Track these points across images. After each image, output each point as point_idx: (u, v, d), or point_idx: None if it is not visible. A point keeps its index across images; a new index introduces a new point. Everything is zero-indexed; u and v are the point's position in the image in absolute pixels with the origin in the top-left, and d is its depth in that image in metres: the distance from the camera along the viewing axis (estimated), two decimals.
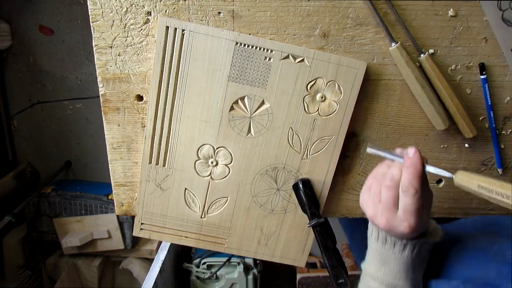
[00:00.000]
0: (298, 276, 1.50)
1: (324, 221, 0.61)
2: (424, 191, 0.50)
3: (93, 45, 0.57)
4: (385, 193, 0.52)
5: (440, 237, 0.59)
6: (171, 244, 1.24)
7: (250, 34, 0.57)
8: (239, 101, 0.59)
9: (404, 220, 0.50)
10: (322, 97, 0.58)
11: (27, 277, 1.60)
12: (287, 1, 0.56)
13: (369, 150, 0.53)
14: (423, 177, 0.49)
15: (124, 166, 0.65)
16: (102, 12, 0.56)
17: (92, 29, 0.56)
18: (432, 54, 0.58)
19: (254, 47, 0.56)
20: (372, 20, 0.57)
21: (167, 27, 0.55)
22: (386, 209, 0.51)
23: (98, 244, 1.57)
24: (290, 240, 0.67)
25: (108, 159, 0.64)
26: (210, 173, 0.63)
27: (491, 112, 0.61)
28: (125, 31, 0.57)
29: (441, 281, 0.55)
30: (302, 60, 0.57)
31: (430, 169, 0.49)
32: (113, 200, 0.68)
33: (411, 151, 0.49)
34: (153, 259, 1.19)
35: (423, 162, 0.49)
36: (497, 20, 0.56)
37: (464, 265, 0.56)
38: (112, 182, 0.66)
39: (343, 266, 0.61)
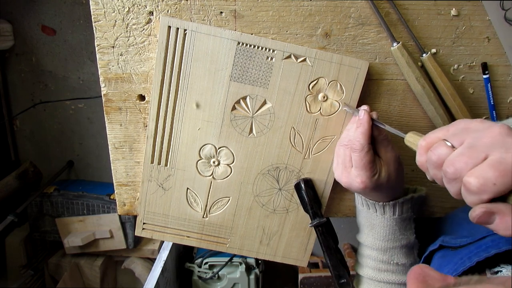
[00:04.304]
0: (300, 276, 1.50)
1: (326, 221, 0.61)
2: (386, 151, 0.54)
3: (95, 45, 0.58)
4: (342, 152, 0.56)
5: (424, 192, 0.62)
6: (173, 244, 1.25)
7: (252, 34, 0.57)
8: (241, 100, 0.59)
9: (356, 176, 0.53)
10: (324, 97, 0.58)
11: (30, 277, 1.60)
12: (289, 1, 0.56)
13: (345, 108, 0.58)
14: (379, 136, 0.53)
15: (126, 166, 0.65)
16: (104, 12, 0.56)
17: (94, 29, 0.57)
18: (434, 53, 0.58)
19: (256, 47, 0.56)
20: (374, 19, 0.56)
21: (169, 27, 0.55)
22: (344, 167, 0.56)
23: (100, 243, 1.57)
24: (292, 240, 0.67)
25: (110, 159, 0.65)
26: (212, 173, 0.63)
27: (494, 111, 0.61)
28: (127, 31, 0.57)
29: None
30: (304, 60, 0.56)
31: (381, 126, 0.53)
32: (115, 200, 0.68)
33: (361, 113, 0.53)
34: (155, 259, 1.19)
35: (371, 121, 0.53)
36: (500, 19, 0.56)
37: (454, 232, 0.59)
38: (114, 182, 0.66)
39: (345, 266, 0.61)
